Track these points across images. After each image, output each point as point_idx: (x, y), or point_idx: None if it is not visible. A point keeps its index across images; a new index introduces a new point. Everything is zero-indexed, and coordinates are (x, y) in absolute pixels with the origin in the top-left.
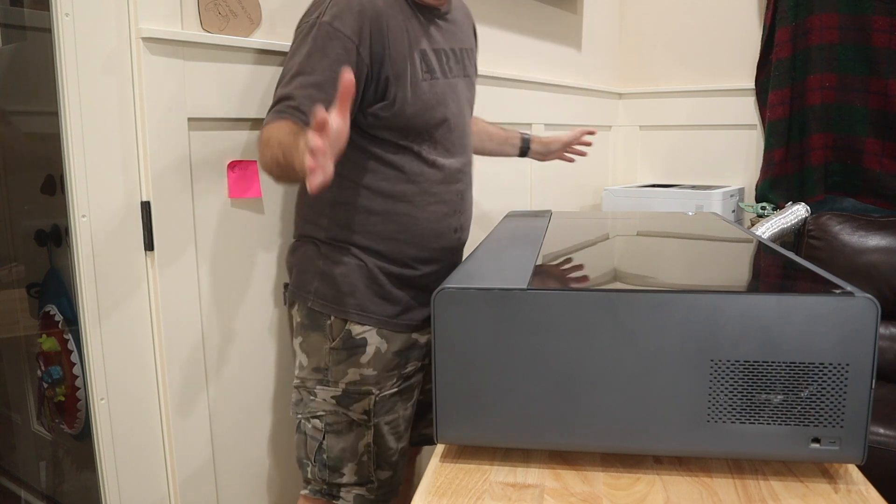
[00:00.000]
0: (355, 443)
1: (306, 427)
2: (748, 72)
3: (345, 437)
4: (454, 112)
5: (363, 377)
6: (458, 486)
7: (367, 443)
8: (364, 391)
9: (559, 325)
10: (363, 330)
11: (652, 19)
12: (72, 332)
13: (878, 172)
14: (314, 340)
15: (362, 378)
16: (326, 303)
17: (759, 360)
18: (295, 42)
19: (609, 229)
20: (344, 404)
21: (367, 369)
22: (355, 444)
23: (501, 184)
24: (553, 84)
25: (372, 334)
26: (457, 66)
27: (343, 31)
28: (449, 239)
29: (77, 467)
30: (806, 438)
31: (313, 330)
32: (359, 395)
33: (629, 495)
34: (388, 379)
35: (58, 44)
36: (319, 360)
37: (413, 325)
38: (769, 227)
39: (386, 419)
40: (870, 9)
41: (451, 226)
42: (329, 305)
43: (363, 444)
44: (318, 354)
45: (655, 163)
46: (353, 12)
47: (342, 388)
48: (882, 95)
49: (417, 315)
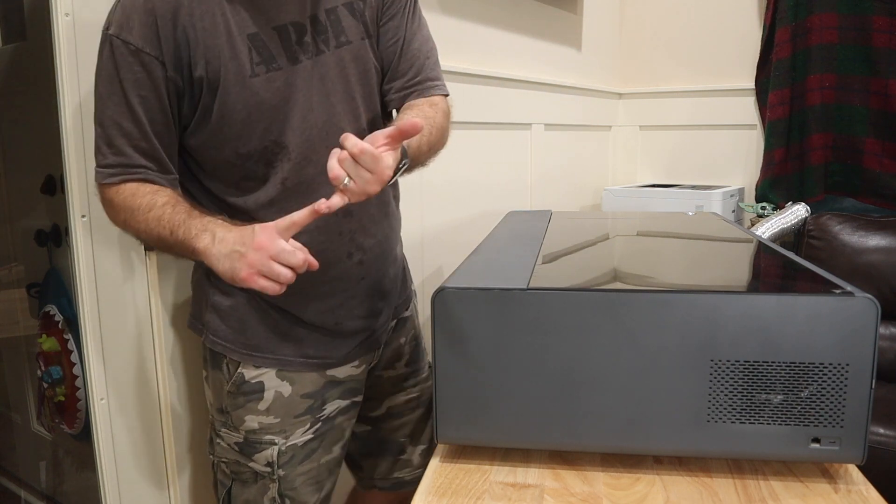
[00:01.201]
0: (259, 496)
1: (217, 470)
2: (748, 72)
3: (249, 487)
4: (314, 104)
5: (263, 426)
6: (458, 486)
7: (272, 497)
8: (266, 441)
9: (559, 325)
10: (258, 373)
11: (652, 19)
12: (72, 332)
13: (878, 172)
14: (215, 379)
15: (262, 427)
16: (218, 340)
17: (759, 360)
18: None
19: (609, 229)
20: (246, 453)
21: (268, 417)
22: (259, 497)
23: (501, 184)
24: (553, 84)
25: (270, 377)
26: (323, 39)
27: (133, 43)
28: (342, 265)
29: (77, 467)
30: (806, 438)
31: (213, 367)
32: (260, 445)
33: (629, 495)
34: (297, 425)
35: (58, 44)
36: (221, 402)
37: (326, 363)
38: (769, 227)
39: (300, 469)
40: (870, 9)
41: (342, 251)
42: (220, 343)
43: (268, 498)
44: (219, 395)
45: (655, 163)
46: (140, 11)
47: (243, 435)
48: (882, 95)
49: (331, 351)
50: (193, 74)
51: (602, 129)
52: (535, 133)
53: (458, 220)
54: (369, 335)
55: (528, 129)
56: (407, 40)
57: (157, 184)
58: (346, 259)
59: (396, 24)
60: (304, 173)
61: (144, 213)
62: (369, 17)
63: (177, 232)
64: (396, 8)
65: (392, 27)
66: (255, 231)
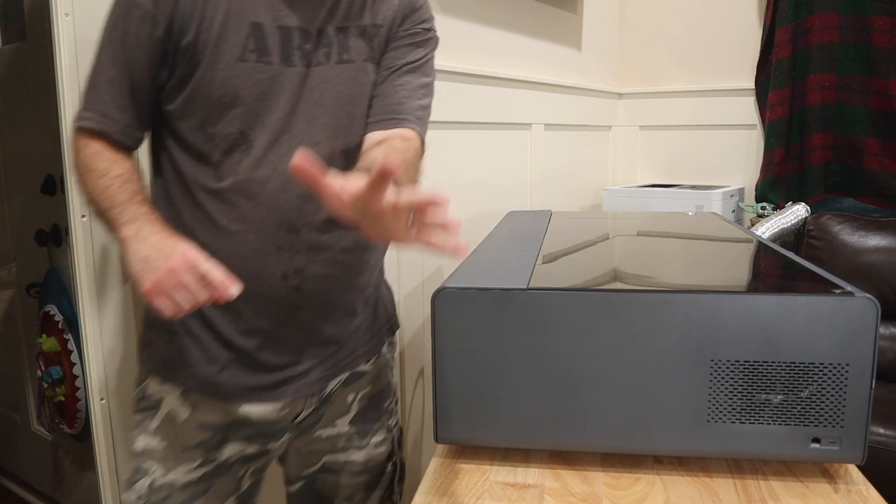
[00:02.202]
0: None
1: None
2: (748, 72)
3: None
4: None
5: (147, 449)
6: (458, 486)
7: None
8: (143, 469)
9: (559, 325)
10: (160, 389)
11: (652, 19)
12: (72, 332)
13: (878, 172)
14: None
15: (145, 450)
16: (140, 345)
17: (759, 360)
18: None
19: (609, 229)
20: (130, 482)
21: (154, 439)
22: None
23: (501, 184)
24: (553, 84)
25: (172, 396)
26: (325, 52)
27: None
28: (274, 285)
29: (77, 467)
30: (806, 438)
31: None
32: (136, 474)
33: (629, 495)
34: (183, 460)
35: (58, 44)
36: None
37: (241, 393)
38: (769, 227)
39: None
40: (870, 9)
41: (276, 269)
42: (139, 348)
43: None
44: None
45: (655, 163)
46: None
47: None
48: (882, 95)
49: (247, 380)
50: (181, 42)
51: (602, 129)
52: (535, 133)
53: (459, 220)
54: (299, 377)
55: (528, 129)
56: (400, 70)
57: (123, 149)
58: (281, 280)
59: (398, 54)
60: (257, 173)
61: (96, 177)
62: (378, 43)
63: (112, 210)
64: (406, 39)
65: (392, 56)
66: (176, 251)
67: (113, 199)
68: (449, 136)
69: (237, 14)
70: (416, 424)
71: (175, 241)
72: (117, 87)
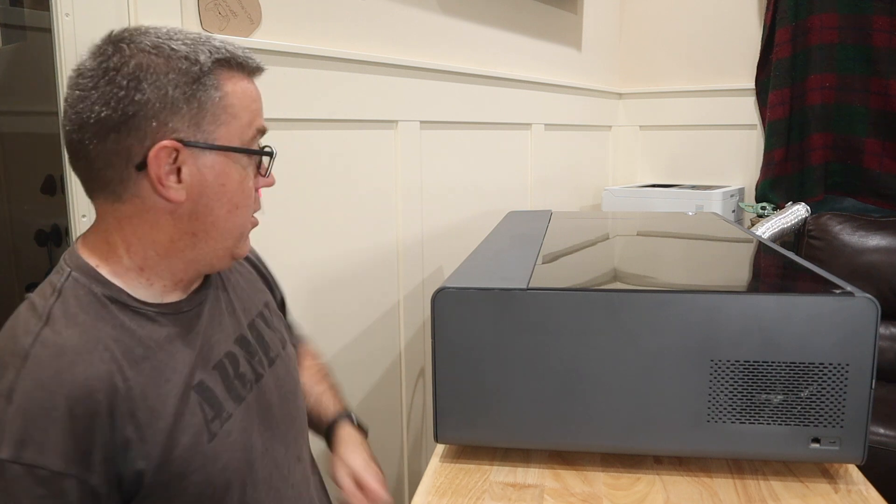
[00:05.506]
0: None
1: None
2: (748, 72)
3: None
4: (266, 445)
5: None
6: (458, 486)
7: None
8: None
9: (559, 325)
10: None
11: (652, 19)
12: None
13: (878, 172)
14: None
15: None
16: None
17: (759, 360)
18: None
19: (609, 229)
20: None
21: None
22: None
23: (501, 184)
24: (553, 84)
25: None
26: (257, 360)
27: (48, 467)
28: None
29: None
30: (806, 438)
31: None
32: None
33: (629, 495)
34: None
35: (58, 44)
36: None
37: None
38: (769, 227)
39: None
40: (870, 9)
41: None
42: None
43: None
44: None
45: (655, 163)
46: (54, 418)
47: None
48: (882, 95)
49: None
50: (126, 473)
51: (602, 129)
52: (535, 133)
53: (458, 220)
54: None
55: (528, 129)
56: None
57: None
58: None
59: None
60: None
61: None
62: (278, 320)
63: None
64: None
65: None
66: None
67: None
68: (449, 136)
69: (182, 391)
70: (416, 424)
71: None
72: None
